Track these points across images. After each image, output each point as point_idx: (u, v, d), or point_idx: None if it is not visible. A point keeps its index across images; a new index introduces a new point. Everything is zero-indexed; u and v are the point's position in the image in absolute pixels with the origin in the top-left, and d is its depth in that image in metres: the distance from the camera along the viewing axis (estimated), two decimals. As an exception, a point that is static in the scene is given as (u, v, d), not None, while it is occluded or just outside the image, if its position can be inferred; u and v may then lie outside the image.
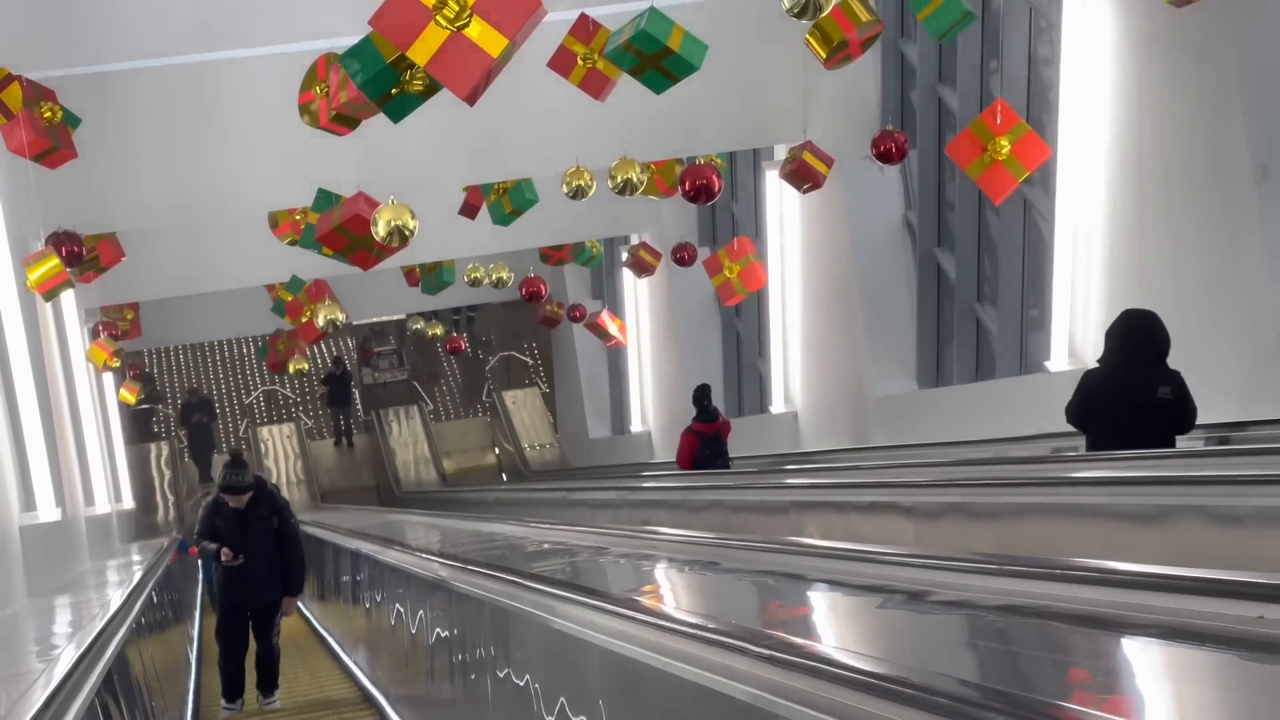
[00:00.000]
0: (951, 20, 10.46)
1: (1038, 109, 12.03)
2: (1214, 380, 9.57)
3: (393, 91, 8.10)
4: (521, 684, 4.92)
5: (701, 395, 12.78)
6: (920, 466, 8.64)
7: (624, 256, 18.78)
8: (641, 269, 18.13)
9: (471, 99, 6.96)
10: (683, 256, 17.56)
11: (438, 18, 6.71)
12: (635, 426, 23.00)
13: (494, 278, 19.59)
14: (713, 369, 19.96)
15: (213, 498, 10.85)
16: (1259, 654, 2.67)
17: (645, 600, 4.20)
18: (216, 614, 11.27)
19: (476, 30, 6.80)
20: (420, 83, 7.94)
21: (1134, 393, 7.06)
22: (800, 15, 8.67)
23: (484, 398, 31.62)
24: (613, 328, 20.94)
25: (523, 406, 30.19)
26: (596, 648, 3.98)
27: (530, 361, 32.16)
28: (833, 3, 8.74)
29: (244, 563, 10.25)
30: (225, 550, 10.25)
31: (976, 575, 3.70)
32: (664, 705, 3.56)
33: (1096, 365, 7.48)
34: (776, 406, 17.06)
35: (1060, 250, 11.11)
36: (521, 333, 31.41)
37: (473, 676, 6.06)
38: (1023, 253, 12.71)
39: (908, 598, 3.71)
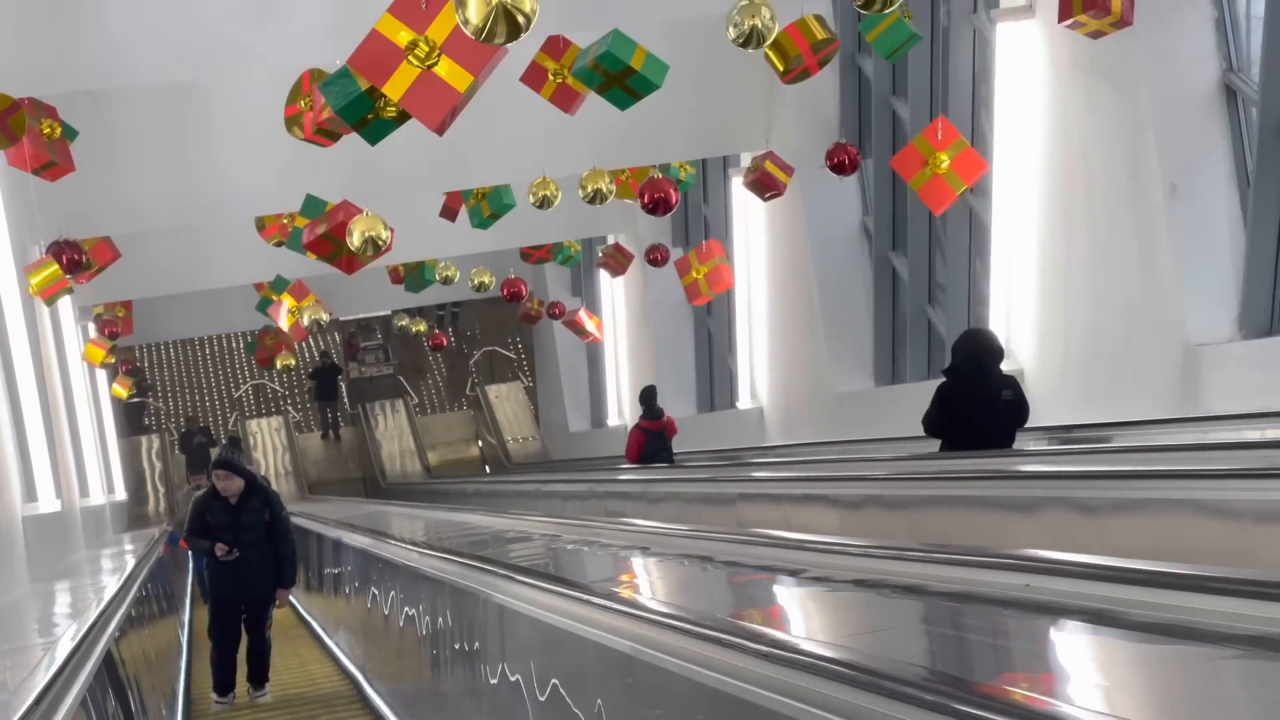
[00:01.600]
0: (898, 41, 11.22)
1: (982, 122, 12.77)
2: (1130, 380, 10.37)
3: (369, 117, 8.79)
4: (472, 650, 5.67)
5: (648, 396, 13.72)
6: (842, 462, 9.41)
7: (598, 256, 19.50)
8: (614, 269, 18.89)
9: (440, 130, 7.69)
10: (655, 257, 18.30)
11: (410, 57, 7.44)
12: (612, 420, 23.74)
13: (476, 281, 20.27)
14: (685, 365, 20.71)
15: (203, 492, 10.81)
16: (1029, 613, 3.42)
17: (571, 578, 4.94)
18: (209, 608, 11.21)
19: (445, 68, 7.53)
20: (394, 110, 8.62)
21: (982, 396, 8.25)
22: (745, 45, 9.36)
23: (468, 391, 32.32)
24: (590, 325, 21.64)
25: (505, 400, 30.90)
26: (525, 617, 4.74)
27: (513, 356, 32.85)
28: (775, 33, 9.41)
29: (237, 556, 10.17)
30: (220, 545, 10.19)
31: (839, 556, 4.45)
32: (575, 661, 4.31)
33: (944, 378, 8.58)
34: (743, 402, 17.82)
35: (996, 258, 11.87)
36: (505, 328, 32.07)
37: (434, 651, 6.81)
38: (969, 258, 13.45)
39: (786, 574, 4.46)
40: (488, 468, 29.51)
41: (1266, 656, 2.70)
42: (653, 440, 13.40)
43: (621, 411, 23.52)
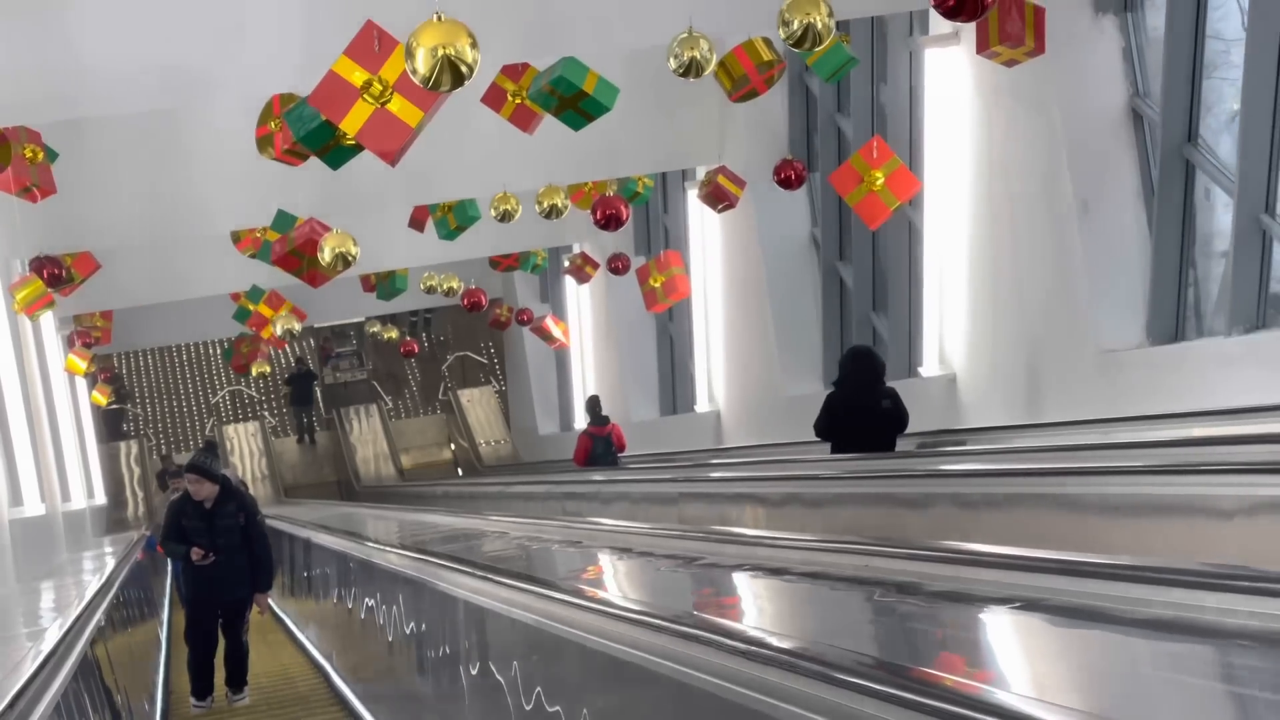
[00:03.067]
0: (837, 64, 11.88)
1: (919, 140, 13.46)
2: (1049, 385, 11.09)
3: (329, 145, 9.44)
4: (419, 632, 6.36)
5: (594, 405, 14.55)
6: (769, 463, 10.13)
7: (565, 264, 20.18)
8: (580, 276, 19.59)
9: (394, 162, 8.38)
10: (617, 266, 18.94)
11: (365, 95, 8.11)
12: (579, 423, 24.38)
13: (444, 287, 20.93)
14: (649, 370, 21.39)
15: (178, 496, 10.75)
16: (870, 589, 4.11)
17: (504, 567, 5.62)
18: (185, 613, 11.13)
19: (397, 105, 8.20)
20: (352, 139, 9.29)
21: (865, 406, 9.25)
22: (685, 74, 10.02)
23: (440, 396, 32.96)
24: (556, 331, 22.30)
25: (477, 404, 31.55)
26: (461, 601, 5.42)
27: (485, 361, 33.49)
28: (713, 63, 10.08)
29: (213, 561, 10.14)
30: (195, 549, 10.14)
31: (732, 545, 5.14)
32: (506, 638, 5.00)
33: (833, 389, 9.70)
34: (701, 406, 18.52)
35: (929, 269, 12.59)
36: (478, 333, 32.68)
37: (390, 638, 7.50)
38: (909, 268, 14.15)
39: (687, 561, 5.15)
40: (460, 470, 30.14)
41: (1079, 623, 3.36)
42: (598, 444, 14.25)
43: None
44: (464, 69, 6.52)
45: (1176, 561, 3.20)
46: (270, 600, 11.29)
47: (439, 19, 6.51)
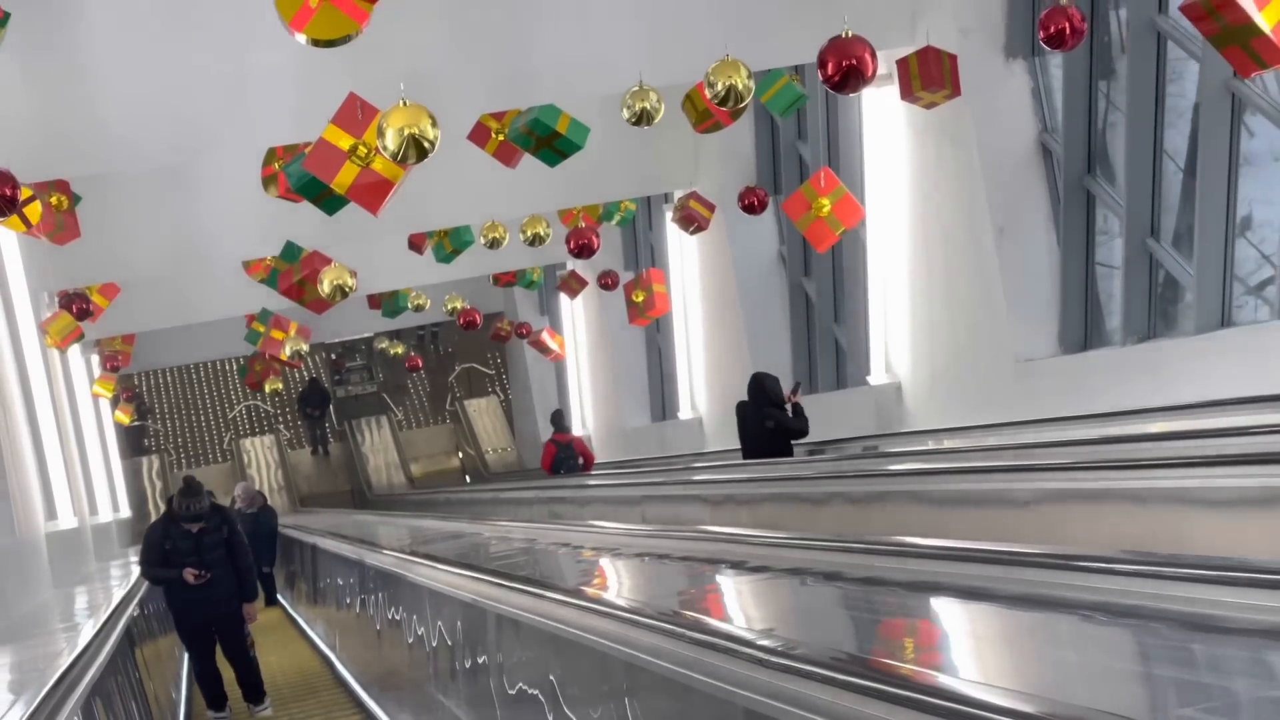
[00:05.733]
0: (789, 101, 13.08)
1: (863, 169, 14.67)
2: (975, 391, 12.32)
3: (323, 194, 10.67)
4: (400, 617, 7.62)
5: (558, 416, 16.70)
6: (713, 468, 11.44)
7: (558, 280, 21.48)
8: (570, 292, 20.93)
9: (377, 213, 9.63)
10: (606, 282, 20.22)
11: (352, 158, 9.36)
12: (577, 431, 25.63)
13: (449, 307, 22.29)
14: (639, 379, 22.65)
15: (158, 522, 10.53)
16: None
17: (473, 563, 6.87)
18: (179, 634, 10.95)
19: (380, 164, 9.44)
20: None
21: (758, 421, 11.12)
22: (637, 123, 11.23)
23: (448, 406, 34.21)
24: (552, 343, 23.56)
25: (483, 414, 32.78)
26: (426, 589, 6.68)
27: (490, 372, 34.71)
28: (661, 112, 11.30)
29: (207, 579, 10.04)
30: (188, 570, 10.01)
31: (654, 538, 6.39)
32: (470, 621, 6.25)
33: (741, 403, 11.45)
34: (684, 413, 19.78)
35: (874, 286, 13.82)
36: (483, 346, 33.87)
37: (377, 627, 8.77)
38: (864, 285, 15.37)
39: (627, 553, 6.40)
40: (468, 477, 31.37)
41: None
42: (562, 451, 15.74)
43: (585, 422, 25.44)
44: (426, 145, 7.77)
45: (1083, 549, 3.67)
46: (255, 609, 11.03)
47: (404, 104, 7.76)
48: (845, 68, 8.45)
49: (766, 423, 11.07)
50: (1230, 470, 4.92)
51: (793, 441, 11.27)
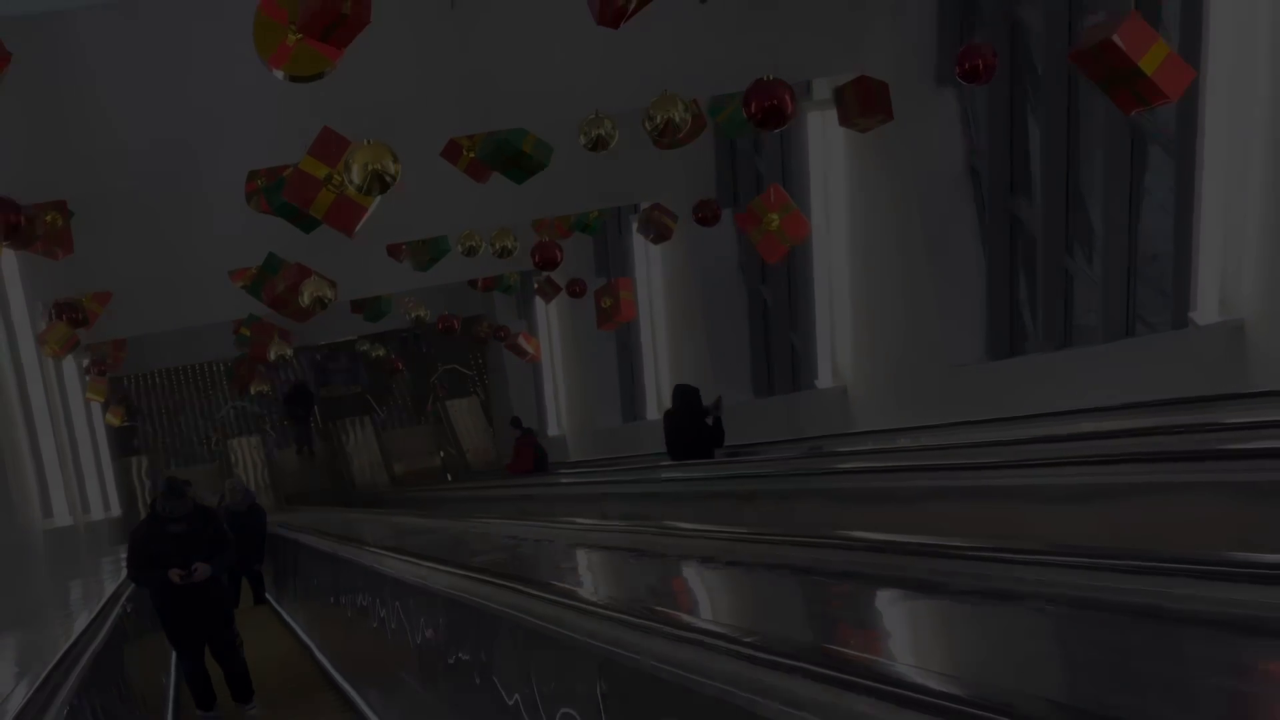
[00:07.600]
0: (740, 123, 13.89)
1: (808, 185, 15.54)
2: (910, 394, 13.21)
3: (300, 216, 11.51)
4: (367, 603, 8.50)
5: (517, 420, 18.17)
6: (668, 469, 12.37)
7: (534, 286, 22.36)
8: (545, 297, 21.81)
9: (352, 235, 10.48)
10: (575, 289, 21.10)
11: (327, 186, 10.22)
12: (552, 430, 26.52)
13: (413, 315, 23.17)
14: (610, 381, 23.52)
15: (143, 525, 10.26)
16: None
17: (438, 555, 7.74)
18: (166, 634, 10.56)
19: (353, 192, 10.31)
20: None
21: (687, 428, 12.04)
22: (593, 149, 12.06)
23: (429, 407, 35.00)
24: (528, 346, 24.43)
25: (464, 414, 33.56)
26: (388, 577, 7.56)
27: (471, 374, 35.49)
28: (615, 139, 12.15)
29: (193, 578, 9.77)
30: (175, 571, 9.75)
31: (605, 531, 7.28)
32: (426, 606, 7.13)
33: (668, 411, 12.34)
34: (651, 413, 20.65)
35: (819, 295, 14.71)
36: (464, 348, 34.65)
37: (348, 615, 9.64)
38: (815, 292, 16.25)
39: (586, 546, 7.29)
40: (450, 476, 32.16)
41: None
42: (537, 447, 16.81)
43: (560, 422, 26.29)
44: (388, 179, 8.64)
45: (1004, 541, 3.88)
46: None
47: (369, 143, 8.63)
48: (767, 108, 9.28)
49: (707, 419, 12.06)
50: (1059, 470, 5.85)
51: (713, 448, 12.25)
